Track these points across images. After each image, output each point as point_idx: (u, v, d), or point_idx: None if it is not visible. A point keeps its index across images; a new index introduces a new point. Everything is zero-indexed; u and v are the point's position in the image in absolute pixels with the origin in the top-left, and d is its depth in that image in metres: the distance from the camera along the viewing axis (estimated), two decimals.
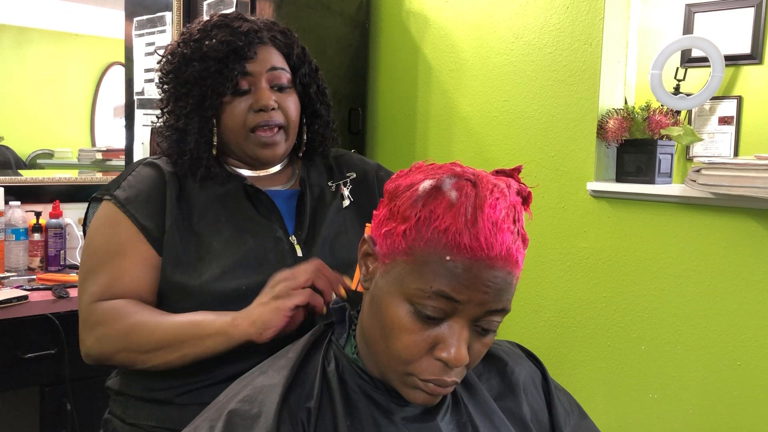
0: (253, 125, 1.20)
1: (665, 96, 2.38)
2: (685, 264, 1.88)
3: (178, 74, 1.21)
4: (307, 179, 1.29)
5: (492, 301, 0.79)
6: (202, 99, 1.19)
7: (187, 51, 1.21)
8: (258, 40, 1.21)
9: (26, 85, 2.88)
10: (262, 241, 1.18)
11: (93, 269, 1.17)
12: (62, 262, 2.41)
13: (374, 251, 0.85)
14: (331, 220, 1.25)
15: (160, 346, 1.09)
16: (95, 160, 2.97)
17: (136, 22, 2.74)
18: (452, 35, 2.41)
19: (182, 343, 1.08)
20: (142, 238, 1.16)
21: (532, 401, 1.00)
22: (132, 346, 1.11)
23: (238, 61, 1.18)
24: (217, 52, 1.18)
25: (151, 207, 1.17)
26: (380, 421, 0.86)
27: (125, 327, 1.11)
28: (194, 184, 1.21)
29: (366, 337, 0.88)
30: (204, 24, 1.23)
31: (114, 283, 1.14)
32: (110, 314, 1.12)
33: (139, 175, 1.22)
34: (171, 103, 1.23)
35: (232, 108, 1.20)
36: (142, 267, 1.15)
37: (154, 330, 1.10)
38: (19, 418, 2.29)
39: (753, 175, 1.64)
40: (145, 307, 1.14)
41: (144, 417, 1.17)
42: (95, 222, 1.21)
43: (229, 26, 1.21)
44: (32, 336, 1.98)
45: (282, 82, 1.23)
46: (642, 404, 1.97)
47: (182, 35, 1.25)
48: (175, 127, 1.21)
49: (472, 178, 0.81)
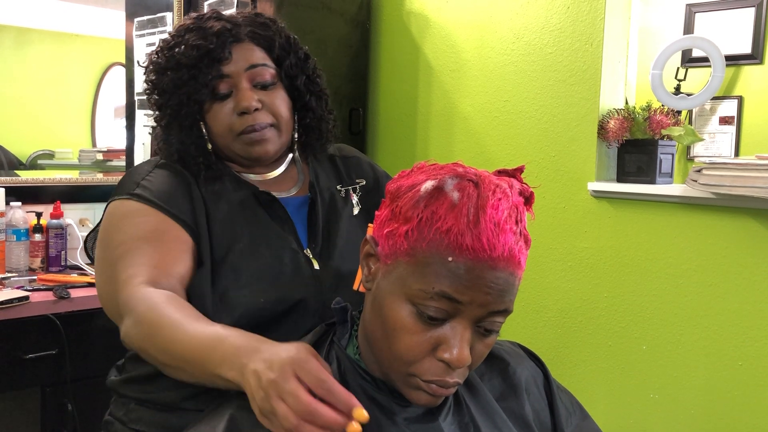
0: (240, 129, 1.15)
1: (666, 96, 2.38)
2: (686, 264, 1.87)
3: (156, 84, 1.18)
4: (317, 184, 1.24)
5: (494, 302, 0.79)
6: (179, 108, 1.15)
7: (161, 60, 1.17)
8: (232, 39, 1.15)
9: (27, 85, 2.88)
10: (278, 253, 1.13)
11: (123, 256, 1.05)
12: (63, 262, 2.41)
13: (376, 252, 0.85)
14: (344, 230, 1.21)
15: (171, 361, 0.93)
16: (96, 160, 2.96)
17: (137, 23, 2.74)
18: (453, 35, 2.41)
19: (188, 372, 0.90)
20: (179, 227, 1.08)
21: (534, 401, 1.00)
22: (152, 350, 0.95)
23: (211, 64, 1.13)
24: (189, 59, 1.13)
25: (178, 201, 1.11)
26: (382, 422, 0.86)
27: (151, 325, 0.95)
28: (206, 186, 1.16)
29: (368, 338, 0.88)
30: (177, 29, 1.19)
31: (157, 265, 1.03)
32: (145, 305, 0.97)
33: (159, 175, 1.16)
34: (156, 111, 1.20)
35: (215, 113, 1.16)
36: (185, 253, 1.06)
37: (169, 340, 0.92)
38: (20, 418, 2.29)
39: (754, 175, 1.64)
40: (181, 306, 0.97)
41: (145, 423, 1.15)
42: (112, 218, 1.12)
43: (201, 28, 1.15)
44: (33, 336, 1.98)
45: (265, 79, 1.17)
46: (643, 404, 1.97)
47: (159, 44, 1.21)
48: (161, 136, 1.20)
49: (474, 179, 0.81)
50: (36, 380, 2.03)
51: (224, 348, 0.83)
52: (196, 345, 0.87)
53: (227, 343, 0.83)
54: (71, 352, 1.99)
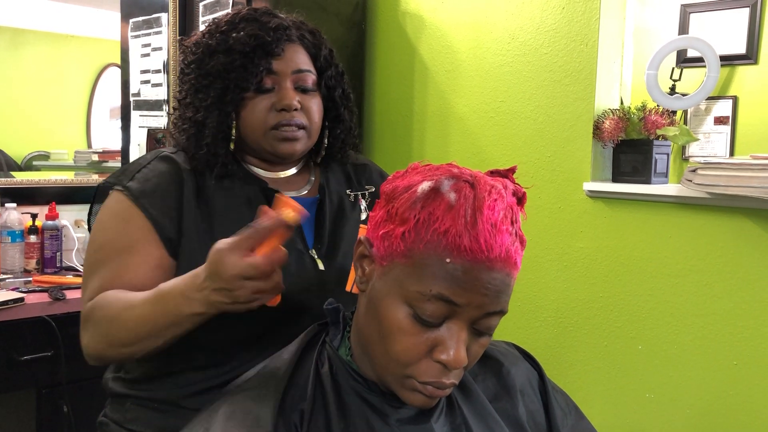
0: (274, 124, 1.16)
1: (661, 96, 2.38)
2: (681, 264, 1.88)
3: (201, 65, 1.17)
4: (327, 186, 1.25)
5: (491, 303, 0.79)
6: (223, 92, 1.15)
7: (212, 42, 1.17)
8: (286, 38, 1.18)
9: (22, 86, 2.87)
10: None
11: (97, 265, 1.11)
12: (58, 264, 2.41)
13: (371, 253, 0.84)
14: (350, 233, 1.22)
15: (139, 338, 1.01)
16: (91, 161, 2.96)
17: (132, 24, 2.73)
18: (448, 36, 2.41)
19: (158, 334, 1.00)
20: (155, 237, 1.10)
21: (529, 402, 1.00)
22: (115, 342, 1.04)
23: (264, 56, 1.15)
24: (244, 46, 1.14)
25: (167, 204, 1.12)
26: (374, 424, 0.86)
27: (105, 321, 1.04)
28: (212, 183, 1.16)
29: (362, 340, 0.87)
30: (232, 16, 1.19)
31: (115, 280, 1.08)
32: (96, 310, 1.06)
33: (155, 168, 1.16)
34: (191, 95, 1.19)
35: (253, 105, 1.16)
36: (149, 267, 1.09)
37: (128, 321, 1.01)
38: (15, 420, 2.28)
39: (749, 174, 1.65)
40: (123, 294, 1.05)
41: (142, 423, 1.15)
42: (104, 214, 1.15)
43: (257, 20, 1.17)
44: (28, 338, 1.98)
45: (307, 84, 1.20)
46: (639, 404, 1.97)
47: (208, 26, 1.21)
48: (193, 119, 1.17)
49: (470, 180, 0.81)
50: (31, 382, 2.02)
51: (175, 295, 0.97)
52: (151, 307, 0.99)
53: (175, 291, 0.97)
54: (66, 353, 1.98)
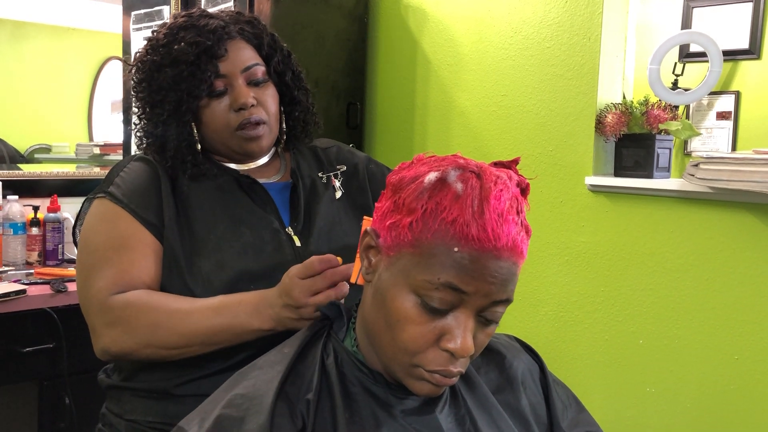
0: (237, 124, 1.19)
1: (663, 91, 2.38)
2: (683, 258, 1.88)
3: (151, 82, 1.20)
4: (298, 170, 1.29)
5: (497, 291, 0.79)
6: (178, 104, 1.17)
7: (156, 57, 1.19)
8: (227, 36, 1.19)
9: (24, 79, 2.88)
10: (259, 232, 1.18)
11: (96, 265, 1.14)
12: (60, 256, 2.41)
13: (377, 244, 0.85)
14: (325, 211, 1.25)
15: (189, 344, 1.07)
16: (93, 154, 2.96)
17: (134, 16, 2.73)
18: (451, 29, 2.40)
19: (212, 342, 1.07)
20: (142, 228, 1.14)
21: (531, 394, 1.01)
22: (159, 343, 1.08)
23: (209, 60, 1.17)
24: (188, 55, 1.16)
25: (148, 200, 1.16)
26: (379, 414, 0.86)
27: (150, 323, 1.08)
28: (188, 180, 1.20)
29: (369, 330, 0.88)
30: (170, 27, 1.22)
31: (123, 275, 1.11)
32: (131, 310, 1.09)
33: (132, 170, 1.20)
34: (147, 110, 1.22)
35: (211, 110, 1.19)
36: (148, 258, 1.14)
37: (178, 326, 1.07)
38: (17, 412, 2.29)
39: (751, 169, 1.65)
40: (166, 298, 1.11)
41: (141, 412, 1.17)
42: (90, 220, 1.19)
43: (195, 26, 1.19)
44: (30, 330, 1.98)
45: (257, 77, 1.21)
46: (640, 398, 1.97)
47: (149, 41, 1.23)
48: (154, 134, 1.21)
49: (476, 170, 0.81)
50: (33, 374, 2.03)
51: (244, 307, 1.04)
52: (213, 316, 1.06)
53: (245, 304, 1.05)
54: (68, 345, 1.99)
